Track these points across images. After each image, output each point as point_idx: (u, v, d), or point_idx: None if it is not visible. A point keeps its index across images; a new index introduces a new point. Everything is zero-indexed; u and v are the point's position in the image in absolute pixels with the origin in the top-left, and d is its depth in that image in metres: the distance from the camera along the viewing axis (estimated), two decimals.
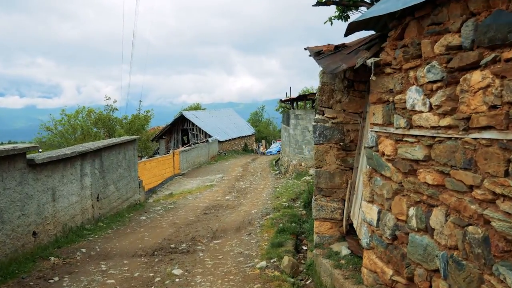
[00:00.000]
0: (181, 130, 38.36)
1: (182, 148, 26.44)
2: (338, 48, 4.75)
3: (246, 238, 7.06)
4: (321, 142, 5.17)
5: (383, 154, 3.41)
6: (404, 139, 3.07)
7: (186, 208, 11.14)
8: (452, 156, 2.48)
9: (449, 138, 2.52)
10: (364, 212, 3.79)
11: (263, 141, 46.42)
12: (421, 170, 2.83)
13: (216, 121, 40.99)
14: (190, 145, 29.79)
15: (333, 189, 5.18)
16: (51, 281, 5.04)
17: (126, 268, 5.57)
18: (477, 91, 2.25)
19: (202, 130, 36.35)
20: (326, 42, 5.42)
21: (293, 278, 4.91)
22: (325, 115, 5.14)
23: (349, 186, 5.01)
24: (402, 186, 3.11)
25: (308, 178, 14.74)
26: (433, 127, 2.69)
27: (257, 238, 6.97)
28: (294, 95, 25.87)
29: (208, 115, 42.20)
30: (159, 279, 5.09)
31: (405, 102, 3.05)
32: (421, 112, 2.82)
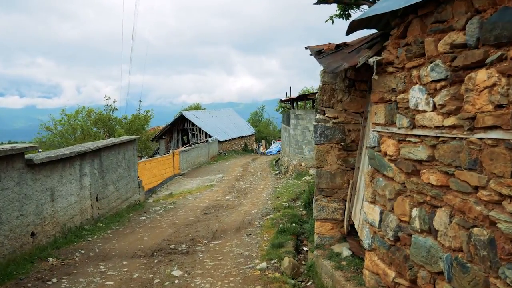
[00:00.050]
0: (181, 130, 38.32)
1: (182, 148, 26.40)
2: (339, 47, 4.70)
3: (246, 239, 7.02)
4: (322, 142, 5.12)
5: (386, 154, 3.37)
6: (407, 139, 3.02)
7: (186, 208, 11.09)
8: (457, 157, 2.43)
9: (454, 138, 2.47)
10: (366, 213, 3.74)
11: (263, 141, 46.38)
12: (425, 171, 2.78)
13: (216, 121, 40.95)
14: (190, 145, 29.75)
15: (334, 190, 5.14)
16: (49, 283, 4.99)
17: (125, 269, 5.52)
18: (483, 90, 2.21)
19: (202, 130, 36.31)
20: (327, 42, 5.37)
21: (294, 280, 4.86)
22: (326, 115, 5.09)
23: (350, 187, 4.97)
24: (405, 187, 3.06)
25: (309, 178, 14.70)
26: (437, 127, 2.64)
27: (257, 239, 6.93)
28: (294, 95, 25.83)
29: (208, 115, 42.16)
30: (159, 281, 5.04)
31: (408, 102, 3.00)
32: (425, 112, 2.78)
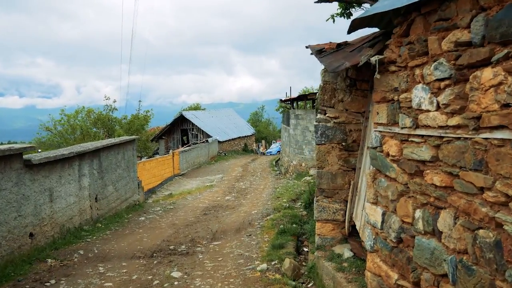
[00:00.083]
0: (181, 130, 38.26)
1: (182, 148, 26.36)
2: (341, 46, 4.66)
3: (246, 240, 6.97)
4: (323, 142, 5.07)
5: (388, 155, 3.32)
6: (410, 139, 2.97)
7: (186, 209, 11.04)
8: (461, 157, 2.39)
9: (458, 138, 2.43)
10: (368, 214, 3.69)
11: (263, 141, 46.32)
12: (428, 171, 2.73)
13: (216, 121, 40.89)
14: (190, 145, 29.70)
15: (335, 190, 5.09)
16: (48, 284, 4.94)
17: (124, 271, 5.47)
18: (488, 89, 2.16)
19: (202, 130, 36.25)
20: (327, 42, 5.32)
21: (295, 281, 4.81)
22: (327, 115, 5.04)
23: (352, 187, 4.92)
24: (408, 188, 3.02)
25: (309, 179, 14.65)
26: (441, 127, 2.59)
27: (258, 240, 6.88)
28: (294, 95, 25.77)
29: (208, 115, 42.09)
30: (158, 282, 4.99)
31: (411, 101, 2.96)
32: (428, 111, 2.73)
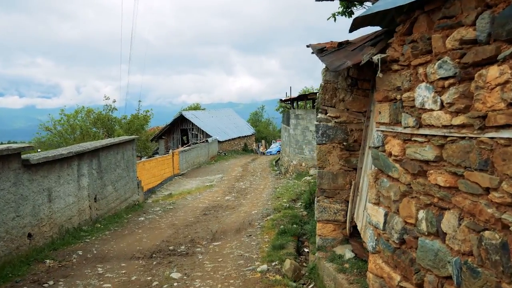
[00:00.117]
0: (181, 130, 38.21)
1: (182, 148, 26.31)
2: (342, 45, 4.61)
3: (247, 240, 6.92)
4: (324, 142, 5.03)
5: (390, 155, 3.27)
6: (413, 139, 2.92)
7: (186, 209, 11.00)
8: (466, 157, 2.34)
9: (463, 138, 2.38)
10: (370, 215, 3.65)
11: (263, 141, 46.28)
12: (432, 171, 2.69)
13: (216, 121, 40.85)
14: (190, 145, 29.65)
15: (336, 190, 5.04)
16: (46, 285, 4.89)
17: (123, 272, 5.42)
18: (494, 88, 2.11)
19: (202, 130, 36.21)
20: (327, 41, 5.27)
21: (295, 283, 4.76)
22: (328, 114, 5.00)
23: (353, 187, 4.87)
24: (411, 188, 2.97)
25: (309, 179, 14.61)
26: (445, 126, 2.55)
27: (258, 240, 6.83)
28: (294, 95, 25.73)
29: (208, 115, 42.05)
30: (157, 283, 4.95)
31: (414, 100, 2.91)
32: (432, 111, 2.68)
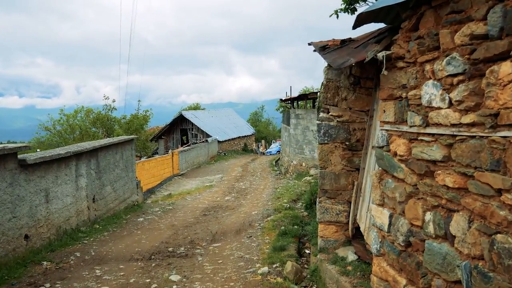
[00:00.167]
0: (180, 130, 38.10)
1: (181, 148, 26.21)
2: (345, 42, 4.51)
3: (247, 241, 6.83)
4: (326, 142, 4.93)
5: (395, 154, 3.18)
6: (420, 138, 2.83)
7: (185, 209, 10.90)
8: (477, 157, 2.25)
9: (473, 137, 2.29)
10: (374, 216, 3.55)
11: (263, 141, 46.18)
12: (440, 172, 2.59)
13: (216, 121, 40.74)
14: (190, 145, 29.55)
15: (338, 191, 4.95)
16: None
17: (122, 274, 5.32)
18: (507, 84, 2.02)
19: (202, 130, 36.10)
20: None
21: (297, 285, 4.67)
22: (330, 113, 4.90)
23: (355, 188, 4.78)
24: (417, 189, 2.88)
25: (309, 179, 14.51)
26: (454, 125, 2.45)
27: (258, 241, 6.74)
28: (294, 95, 25.64)
29: (208, 115, 41.94)
30: (156, 286, 4.85)
31: (421, 98, 2.82)
32: (440, 109, 2.59)
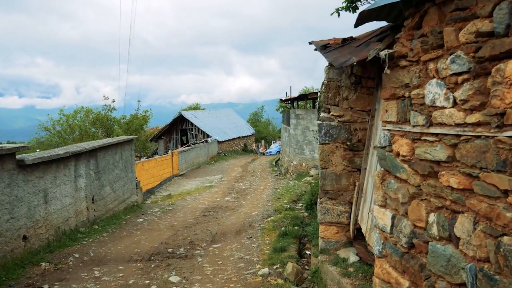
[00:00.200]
0: (180, 130, 38.05)
1: (181, 148, 26.16)
2: (346, 41, 4.46)
3: (247, 242, 6.78)
4: (327, 142, 4.88)
5: (398, 155, 3.13)
6: (423, 138, 2.78)
7: (185, 210, 10.85)
8: (482, 157, 2.20)
9: (478, 137, 2.24)
10: (376, 217, 3.50)
11: (263, 141, 46.13)
12: (444, 173, 2.54)
13: (216, 121, 40.69)
14: (189, 145, 29.49)
15: (340, 192, 4.90)
16: None
17: (121, 275, 5.27)
18: None
19: (201, 130, 36.05)
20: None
21: (298, 287, 4.62)
22: (331, 113, 4.85)
23: (357, 189, 4.73)
24: (421, 190, 2.83)
25: (309, 179, 14.47)
26: (458, 125, 2.40)
27: (258, 242, 6.69)
28: (294, 95, 25.60)
29: (208, 115, 41.89)
30: (155, 287, 4.80)
31: (424, 97, 2.77)
32: (443, 108, 2.54)
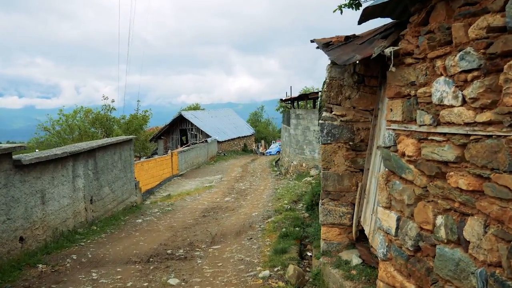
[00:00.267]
0: (180, 130, 37.95)
1: (181, 149, 26.06)
2: (349, 39, 4.37)
3: (247, 243, 6.69)
4: (329, 142, 4.79)
5: (403, 155, 3.04)
6: (430, 138, 2.69)
7: (184, 211, 10.77)
8: (494, 157, 2.11)
9: (489, 136, 2.15)
10: (380, 219, 3.41)
11: (263, 141, 46.04)
12: (452, 173, 2.45)
13: (215, 121, 40.59)
14: (189, 145, 29.40)
15: (342, 193, 4.81)
16: None
17: (119, 277, 5.18)
18: None
19: (201, 130, 35.95)
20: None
21: None
22: (333, 113, 4.76)
23: (359, 189, 4.64)
24: (427, 191, 2.74)
25: (310, 179, 14.38)
26: (467, 124, 2.31)
27: (259, 244, 6.60)
28: (294, 95, 25.52)
29: (207, 115, 41.79)
30: None
31: (431, 96, 2.68)
32: (452, 107, 2.45)
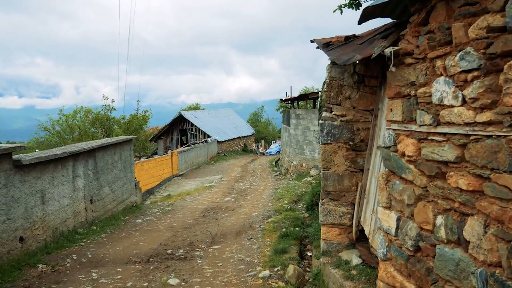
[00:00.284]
0: (180, 130, 37.95)
1: (181, 149, 26.07)
2: (349, 39, 4.37)
3: (247, 243, 6.69)
4: (329, 142, 4.79)
5: (404, 155, 3.04)
6: (430, 138, 2.69)
7: (184, 211, 10.77)
8: (494, 157, 2.11)
9: (489, 136, 2.15)
10: (380, 219, 3.41)
11: (263, 141, 46.04)
12: (452, 173, 2.45)
13: (215, 121, 40.59)
14: (189, 145, 29.40)
15: (342, 193, 4.81)
16: None
17: (119, 277, 5.18)
18: None
19: (201, 130, 35.95)
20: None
21: None
22: (333, 113, 4.76)
23: (359, 189, 4.64)
24: (427, 191, 2.74)
25: (310, 179, 14.39)
26: (467, 124, 2.31)
27: (259, 244, 6.60)
28: (294, 95, 25.53)
29: (207, 115, 41.80)
30: None
31: (431, 96, 2.68)
32: (452, 107, 2.45)
